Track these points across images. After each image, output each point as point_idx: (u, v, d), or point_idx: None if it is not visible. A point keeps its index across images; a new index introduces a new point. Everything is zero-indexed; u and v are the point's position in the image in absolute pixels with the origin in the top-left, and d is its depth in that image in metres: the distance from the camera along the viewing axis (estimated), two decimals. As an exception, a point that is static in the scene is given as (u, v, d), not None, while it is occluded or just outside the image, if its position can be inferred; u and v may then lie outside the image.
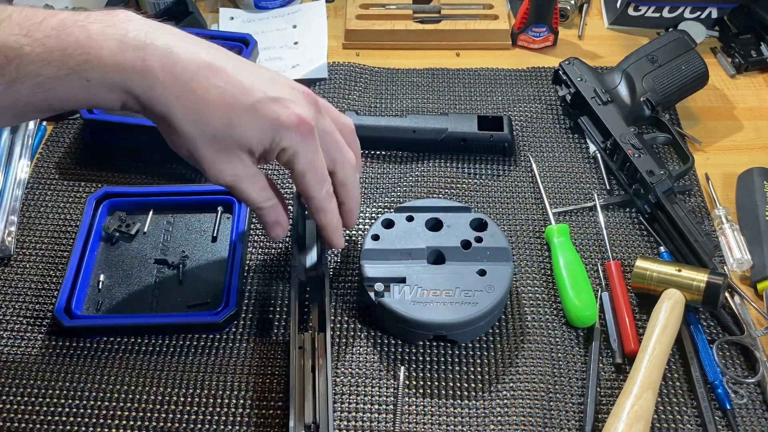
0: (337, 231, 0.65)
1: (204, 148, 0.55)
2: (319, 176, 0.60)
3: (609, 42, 1.01)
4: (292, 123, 0.56)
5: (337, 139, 0.61)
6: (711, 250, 0.72)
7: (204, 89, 0.54)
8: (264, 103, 0.55)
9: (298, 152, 0.57)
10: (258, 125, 0.55)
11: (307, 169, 0.58)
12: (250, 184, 0.59)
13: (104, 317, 0.69)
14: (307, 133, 0.57)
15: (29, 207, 0.79)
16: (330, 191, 0.62)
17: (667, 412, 0.65)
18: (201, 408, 0.64)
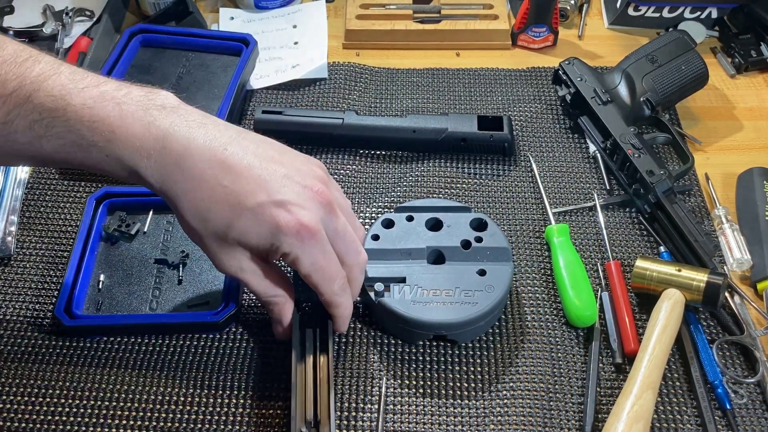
0: (346, 321, 0.64)
1: (208, 241, 0.57)
2: (327, 276, 0.59)
3: (609, 42, 1.01)
4: (292, 229, 0.56)
5: (348, 240, 0.61)
6: (711, 250, 0.72)
7: (211, 188, 0.55)
8: (265, 207, 0.56)
9: (300, 257, 0.57)
10: (257, 228, 0.56)
11: (312, 271, 0.58)
12: (254, 277, 0.60)
13: (104, 317, 0.69)
14: (309, 238, 0.57)
15: (29, 207, 0.79)
16: (343, 285, 0.61)
17: (667, 412, 0.65)
18: (201, 408, 0.64)
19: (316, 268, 0.58)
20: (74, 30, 0.97)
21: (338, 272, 0.60)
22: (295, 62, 0.95)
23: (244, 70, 0.89)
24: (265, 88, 0.93)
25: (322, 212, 0.58)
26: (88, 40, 0.95)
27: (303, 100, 0.91)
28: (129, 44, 0.91)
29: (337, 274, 0.60)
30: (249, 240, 0.57)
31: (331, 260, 0.59)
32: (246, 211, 0.56)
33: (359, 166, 0.84)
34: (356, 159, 0.85)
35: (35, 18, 0.97)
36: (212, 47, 0.93)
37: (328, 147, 0.85)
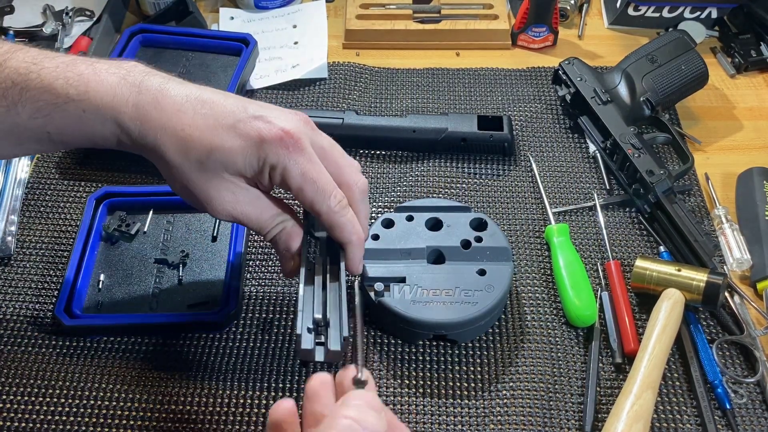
0: (357, 249, 0.60)
1: (194, 177, 0.55)
2: (321, 187, 0.56)
3: (609, 42, 1.01)
4: (275, 136, 0.54)
5: (339, 159, 0.58)
6: (711, 249, 0.72)
7: (190, 118, 0.54)
8: (245, 122, 0.54)
9: (288, 167, 0.55)
10: (240, 145, 0.54)
11: (302, 182, 0.55)
12: (252, 208, 0.57)
13: (104, 317, 0.69)
14: (294, 144, 0.54)
15: (29, 207, 0.79)
16: (342, 203, 0.57)
17: (667, 412, 0.65)
18: (201, 408, 0.64)
19: (307, 179, 0.55)
20: (74, 30, 0.97)
21: (332, 186, 0.57)
22: (295, 62, 0.95)
23: (244, 70, 0.89)
24: (265, 88, 0.93)
25: (304, 127, 0.56)
26: (88, 40, 0.95)
27: (303, 100, 0.91)
28: (129, 44, 0.91)
29: (332, 188, 0.56)
30: (235, 160, 0.54)
31: (321, 172, 0.56)
32: (226, 129, 0.54)
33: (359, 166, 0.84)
34: (356, 159, 0.85)
35: (35, 18, 0.97)
36: (212, 47, 0.93)
37: (328, 147, 0.85)
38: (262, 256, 0.75)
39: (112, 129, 0.54)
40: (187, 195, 0.57)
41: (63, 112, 0.54)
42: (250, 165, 0.55)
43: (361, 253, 0.60)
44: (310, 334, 0.54)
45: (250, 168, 0.55)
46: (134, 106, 0.54)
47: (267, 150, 0.54)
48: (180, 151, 0.54)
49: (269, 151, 0.54)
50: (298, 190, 0.56)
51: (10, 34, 0.94)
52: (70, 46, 0.94)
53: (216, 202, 0.56)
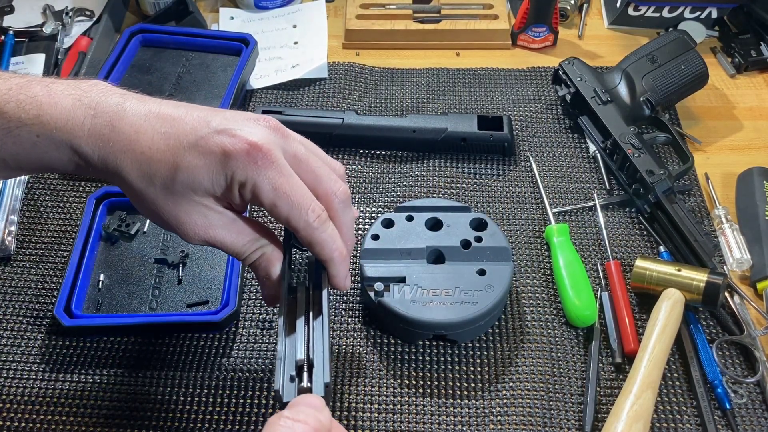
0: (340, 266, 0.55)
1: (161, 201, 0.51)
2: (296, 201, 0.51)
3: (609, 42, 1.01)
4: (241, 151, 0.50)
5: (314, 166, 0.54)
6: (711, 249, 0.72)
7: (149, 139, 0.50)
8: (207, 138, 0.50)
9: (258, 182, 0.50)
10: (204, 162, 0.50)
11: (275, 197, 0.51)
12: (226, 232, 0.53)
13: (104, 317, 0.69)
14: (263, 157, 0.50)
15: (29, 207, 0.79)
16: (321, 217, 0.53)
17: (667, 412, 0.65)
18: (201, 408, 0.64)
19: (279, 195, 0.51)
20: (74, 30, 0.97)
21: (309, 199, 0.52)
22: (295, 62, 0.95)
23: (244, 70, 0.89)
24: (265, 88, 0.93)
25: (273, 136, 0.52)
26: (88, 40, 0.95)
27: (303, 99, 0.91)
28: (129, 44, 0.91)
29: (309, 202, 0.52)
30: (201, 180, 0.50)
31: (295, 184, 0.51)
32: (188, 147, 0.50)
33: (359, 166, 0.84)
34: (356, 159, 0.85)
35: (35, 18, 0.97)
36: (212, 47, 0.93)
37: (328, 147, 0.85)
38: (262, 256, 0.75)
39: (69, 155, 0.51)
40: (156, 219, 0.53)
41: (15, 137, 0.50)
42: (217, 183, 0.51)
43: (344, 270, 0.56)
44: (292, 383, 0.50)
45: (218, 187, 0.51)
46: (90, 131, 0.50)
47: (233, 166, 0.50)
48: (143, 175, 0.51)
49: (236, 167, 0.50)
50: (271, 206, 0.51)
51: (10, 34, 0.94)
52: (70, 46, 0.94)
53: (187, 226, 0.52)
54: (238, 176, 0.50)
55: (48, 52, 0.92)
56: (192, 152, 0.50)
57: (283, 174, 0.51)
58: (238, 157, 0.50)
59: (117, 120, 0.50)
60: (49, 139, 0.50)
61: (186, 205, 0.51)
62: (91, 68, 0.91)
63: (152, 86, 0.89)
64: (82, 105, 0.50)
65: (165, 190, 0.51)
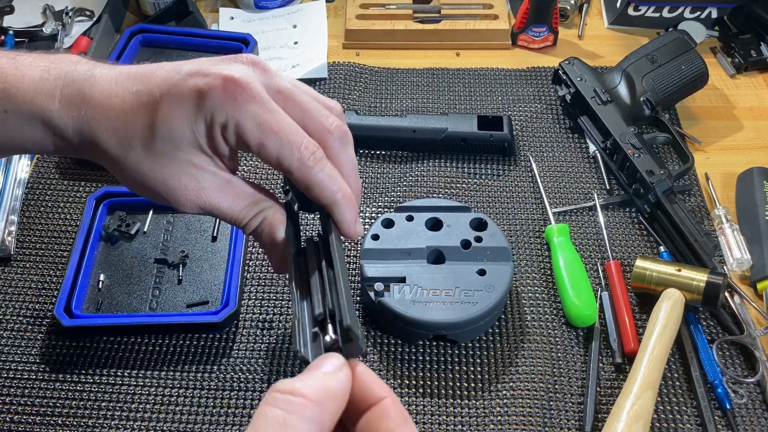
0: (345, 209, 0.48)
1: (146, 167, 0.46)
2: (286, 138, 0.45)
3: (609, 42, 1.01)
4: (215, 86, 0.44)
5: (301, 100, 0.47)
6: (711, 249, 0.72)
7: (121, 101, 0.46)
8: (180, 84, 0.45)
9: (240, 120, 0.44)
10: (181, 109, 0.45)
11: (261, 135, 0.45)
12: (223, 194, 0.47)
13: (104, 317, 0.69)
14: (242, 92, 0.44)
15: (29, 207, 0.79)
16: (317, 154, 0.46)
17: (667, 412, 0.65)
18: (201, 408, 0.64)
19: (266, 131, 0.45)
20: (74, 30, 0.97)
21: (301, 136, 0.46)
22: (295, 62, 0.95)
23: (244, 70, 0.89)
24: (265, 88, 0.92)
25: (252, 71, 0.46)
26: (88, 40, 0.95)
27: (303, 100, 0.91)
28: (129, 44, 0.91)
29: (301, 138, 0.46)
30: (181, 130, 0.45)
31: (283, 120, 0.45)
32: (162, 98, 0.45)
33: (359, 166, 0.84)
34: (356, 159, 0.85)
35: (35, 18, 0.97)
36: (212, 47, 0.93)
37: (328, 147, 0.85)
38: (262, 256, 0.75)
39: (41, 130, 0.47)
40: (146, 191, 0.48)
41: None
42: (198, 131, 0.45)
43: (351, 213, 0.48)
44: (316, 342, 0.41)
45: (200, 135, 0.45)
46: (61, 101, 0.46)
47: (210, 106, 0.44)
48: (120, 141, 0.46)
49: (214, 107, 0.44)
50: (258, 147, 0.45)
51: (10, 34, 0.94)
52: (70, 46, 0.94)
53: (178, 192, 0.46)
54: (218, 116, 0.44)
55: (48, 52, 0.92)
56: (166, 102, 0.45)
57: (267, 109, 0.45)
58: (213, 94, 0.44)
59: (88, 87, 0.46)
60: (18, 114, 0.47)
61: (173, 166, 0.46)
62: (91, 68, 0.91)
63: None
64: (50, 76, 0.47)
65: (147, 152, 0.46)
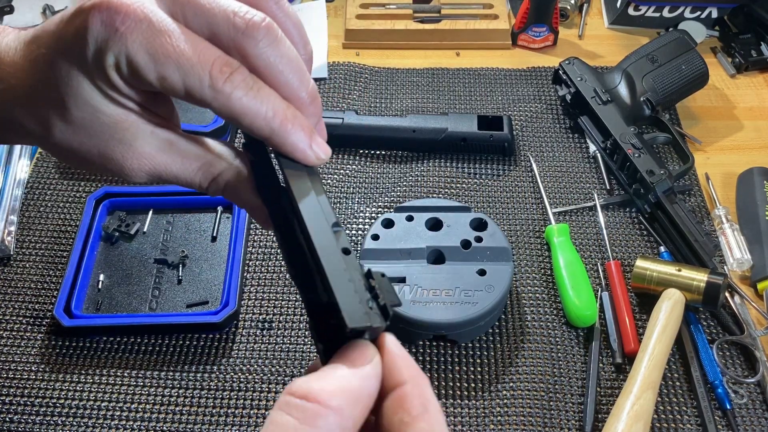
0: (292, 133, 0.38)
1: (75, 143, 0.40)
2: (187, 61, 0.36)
3: (609, 42, 1.01)
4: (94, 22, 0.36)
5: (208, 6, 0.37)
6: (711, 249, 0.72)
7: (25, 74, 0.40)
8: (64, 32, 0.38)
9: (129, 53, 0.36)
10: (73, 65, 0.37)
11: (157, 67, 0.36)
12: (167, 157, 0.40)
13: (104, 317, 0.69)
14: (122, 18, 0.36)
15: (29, 207, 0.79)
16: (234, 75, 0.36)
17: (667, 412, 0.65)
18: (201, 408, 0.64)
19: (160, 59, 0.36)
20: (74, 30, 0.96)
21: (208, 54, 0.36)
22: (295, 62, 0.95)
23: (243, 70, 0.89)
24: (265, 88, 0.92)
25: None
26: (87, 40, 0.95)
27: (303, 99, 0.91)
28: (129, 44, 0.91)
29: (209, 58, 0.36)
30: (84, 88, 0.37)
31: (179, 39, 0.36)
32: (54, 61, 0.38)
33: (359, 166, 0.84)
34: (356, 159, 0.85)
35: (35, 17, 0.97)
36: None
37: (328, 147, 0.85)
38: (262, 256, 0.75)
39: None
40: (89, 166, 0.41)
41: None
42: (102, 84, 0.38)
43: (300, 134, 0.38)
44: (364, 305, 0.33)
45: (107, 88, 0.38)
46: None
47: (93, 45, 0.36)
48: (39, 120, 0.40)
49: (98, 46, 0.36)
50: (160, 80, 0.37)
51: (10, 33, 0.94)
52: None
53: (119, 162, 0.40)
54: (107, 57, 0.36)
55: (48, 52, 0.92)
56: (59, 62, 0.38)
57: (158, 31, 0.36)
58: (93, 30, 0.36)
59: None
60: None
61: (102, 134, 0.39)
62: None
63: (152, 86, 0.88)
64: None
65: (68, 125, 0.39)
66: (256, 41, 0.37)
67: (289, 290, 0.72)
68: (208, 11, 0.37)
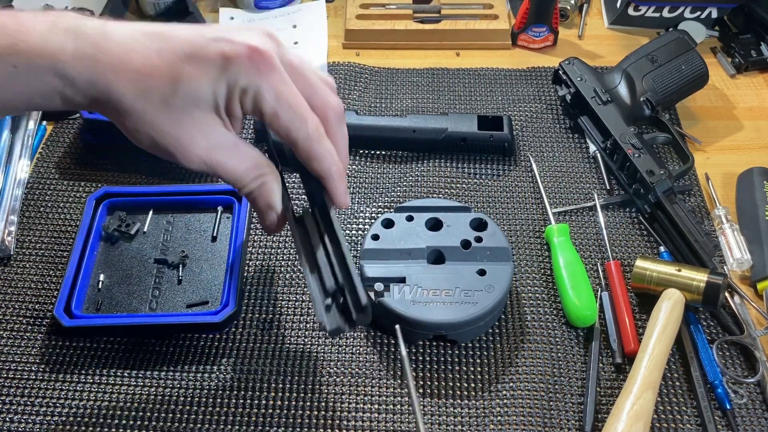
0: (339, 182, 0.54)
1: (161, 120, 0.48)
2: (297, 111, 0.50)
3: (609, 42, 1.01)
4: (242, 54, 0.48)
5: (309, 77, 0.52)
6: (711, 250, 0.72)
7: (141, 56, 0.47)
8: (206, 47, 0.48)
9: (261, 87, 0.48)
10: (205, 71, 0.48)
11: (277, 106, 0.49)
12: (230, 154, 0.51)
13: (104, 317, 0.69)
14: (264, 61, 0.48)
15: (29, 207, 0.79)
16: (320, 130, 0.52)
17: (667, 412, 0.65)
18: (201, 408, 0.64)
19: (282, 103, 0.49)
20: (74, 30, 0.96)
21: (308, 111, 0.51)
22: (295, 62, 0.95)
23: (244, 70, 0.89)
24: (265, 88, 0.92)
25: (270, 42, 0.50)
26: (88, 40, 0.95)
27: (303, 100, 0.91)
28: (129, 44, 0.91)
29: (309, 114, 0.51)
30: (203, 91, 0.48)
31: (296, 94, 0.50)
32: (186, 59, 0.48)
33: (359, 166, 0.84)
34: (356, 159, 0.85)
35: (35, 18, 0.97)
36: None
37: (328, 147, 0.85)
38: (262, 256, 0.75)
39: (53, 82, 0.47)
40: (153, 145, 0.50)
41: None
42: (219, 93, 0.48)
43: (343, 186, 0.55)
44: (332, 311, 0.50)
45: (220, 97, 0.49)
46: (74, 53, 0.46)
47: (235, 72, 0.48)
48: (139, 92, 0.47)
49: (238, 73, 0.48)
50: (272, 116, 0.49)
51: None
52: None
53: (189, 148, 0.49)
54: (241, 82, 0.48)
55: (48, 52, 0.92)
56: (191, 62, 0.47)
57: (285, 81, 0.49)
58: (239, 61, 0.48)
59: (103, 40, 0.47)
60: (28, 68, 0.47)
61: (188, 123, 0.49)
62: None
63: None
64: (58, 29, 0.47)
65: (165, 106, 0.48)
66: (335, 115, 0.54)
67: (289, 290, 0.72)
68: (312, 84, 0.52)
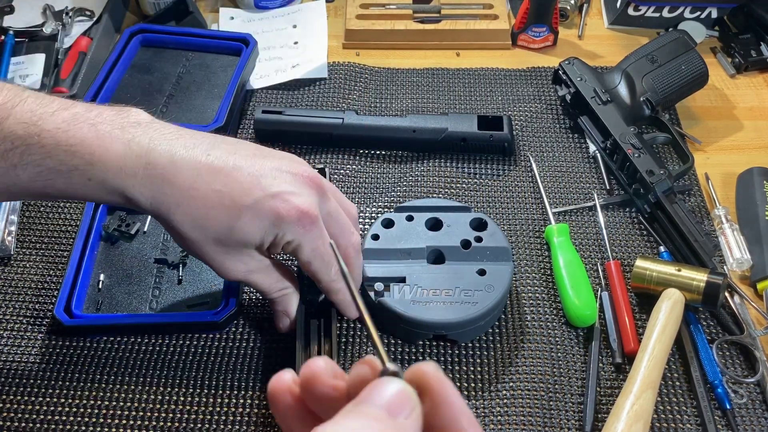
0: (350, 306, 0.65)
1: (210, 250, 0.57)
2: (326, 261, 0.60)
3: (609, 42, 1.01)
4: (293, 217, 0.56)
5: (342, 222, 0.61)
6: (711, 249, 0.72)
7: (203, 195, 0.55)
8: (263, 202, 0.55)
9: (302, 243, 0.57)
10: (259, 224, 0.56)
11: (312, 257, 0.59)
12: (263, 276, 0.61)
13: (104, 317, 0.69)
14: (310, 223, 0.57)
15: (29, 207, 0.79)
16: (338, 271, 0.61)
17: (667, 412, 0.65)
18: (201, 408, 0.64)
19: (316, 255, 0.59)
20: (74, 30, 0.97)
21: (334, 260, 0.60)
22: (295, 62, 0.95)
23: (244, 70, 0.89)
24: (265, 88, 0.92)
25: (316, 196, 0.58)
26: (88, 40, 0.95)
27: (303, 100, 0.91)
28: (129, 44, 0.91)
29: (333, 261, 0.60)
30: (253, 237, 0.56)
31: (327, 246, 0.59)
32: (244, 209, 0.55)
33: (359, 166, 0.84)
34: (356, 159, 0.85)
35: (35, 18, 0.97)
36: (212, 47, 0.93)
37: (328, 147, 0.85)
38: (262, 256, 0.75)
39: (118, 197, 0.55)
40: (197, 257, 0.59)
41: (66, 178, 0.53)
42: (267, 240, 0.57)
43: (352, 308, 0.65)
44: None
45: (266, 243, 0.57)
46: (143, 182, 0.54)
47: (284, 228, 0.56)
48: (196, 227, 0.56)
49: (287, 230, 0.56)
50: (306, 263, 0.59)
51: (10, 34, 0.94)
52: (70, 46, 0.94)
53: (230, 271, 0.59)
54: (287, 237, 0.57)
55: (48, 52, 0.92)
56: (247, 214, 0.55)
57: (321, 237, 0.58)
58: (289, 221, 0.56)
59: (171, 174, 0.54)
60: (101, 184, 0.54)
61: (233, 255, 0.58)
62: (91, 68, 0.91)
63: (152, 86, 0.89)
64: (132, 153, 0.54)
65: (216, 242, 0.56)
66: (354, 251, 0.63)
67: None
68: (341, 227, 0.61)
